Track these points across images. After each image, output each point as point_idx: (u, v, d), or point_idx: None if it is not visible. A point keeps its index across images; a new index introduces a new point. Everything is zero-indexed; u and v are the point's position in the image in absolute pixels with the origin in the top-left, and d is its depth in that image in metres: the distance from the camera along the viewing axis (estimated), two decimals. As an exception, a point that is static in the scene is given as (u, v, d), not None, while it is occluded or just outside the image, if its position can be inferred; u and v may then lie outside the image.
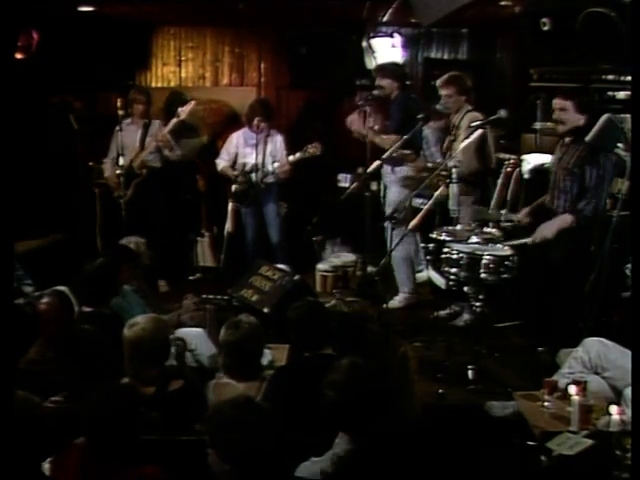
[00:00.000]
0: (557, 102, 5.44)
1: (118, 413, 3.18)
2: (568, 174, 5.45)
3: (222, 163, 7.85)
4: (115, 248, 6.11)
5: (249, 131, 7.77)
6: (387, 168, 7.14)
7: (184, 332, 5.05)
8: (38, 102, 7.63)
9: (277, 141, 7.77)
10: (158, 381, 3.95)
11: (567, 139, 5.55)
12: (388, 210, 7.03)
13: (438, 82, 6.64)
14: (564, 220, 5.33)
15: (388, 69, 7.30)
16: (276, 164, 7.60)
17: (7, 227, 3.16)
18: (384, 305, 6.43)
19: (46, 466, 3.25)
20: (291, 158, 7.54)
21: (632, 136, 3.57)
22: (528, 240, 5.38)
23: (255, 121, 7.60)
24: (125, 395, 3.34)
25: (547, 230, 5.33)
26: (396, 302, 7.05)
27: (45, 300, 4.75)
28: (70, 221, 7.97)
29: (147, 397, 3.84)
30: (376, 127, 7.23)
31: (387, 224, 6.88)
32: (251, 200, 7.73)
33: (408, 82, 7.43)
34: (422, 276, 7.40)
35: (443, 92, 6.56)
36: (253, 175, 7.65)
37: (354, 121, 7.36)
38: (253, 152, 7.69)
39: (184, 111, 7.51)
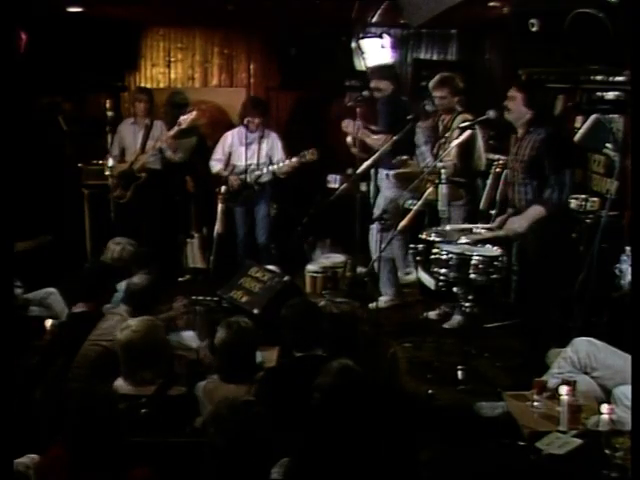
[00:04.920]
0: (510, 91, 5.52)
1: (100, 418, 3.17)
2: (525, 167, 5.45)
3: (217, 165, 7.83)
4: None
5: (243, 130, 7.75)
6: (382, 172, 7.15)
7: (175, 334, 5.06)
8: (27, 103, 7.60)
9: (273, 140, 7.77)
10: (157, 383, 3.97)
11: (519, 134, 5.55)
12: (377, 212, 7.02)
13: (430, 84, 6.62)
14: (535, 212, 5.30)
15: (385, 71, 7.31)
16: (280, 164, 7.60)
17: (7, 228, 3.17)
18: (369, 305, 6.45)
19: (21, 462, 3.24)
20: (287, 162, 7.55)
21: (632, 136, 3.57)
22: (501, 233, 5.39)
23: (246, 121, 7.61)
24: (107, 400, 3.33)
25: (517, 223, 5.32)
26: (382, 303, 7.06)
27: None
28: (59, 223, 7.94)
29: (144, 398, 3.86)
30: (370, 127, 7.27)
31: (373, 226, 6.88)
32: (244, 200, 7.74)
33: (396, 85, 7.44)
34: (410, 278, 7.41)
35: (437, 94, 6.54)
36: (246, 175, 7.65)
37: (349, 125, 7.36)
38: (248, 151, 7.70)
39: (185, 120, 7.53)
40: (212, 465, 2.95)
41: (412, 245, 5.71)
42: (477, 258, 5.23)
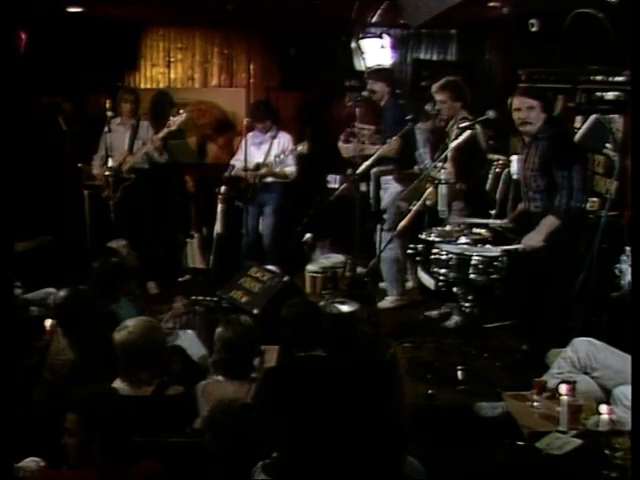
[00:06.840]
0: (524, 101, 5.37)
1: (103, 417, 3.17)
2: (537, 175, 5.40)
3: (236, 164, 7.97)
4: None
5: (257, 131, 7.91)
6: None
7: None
8: (27, 103, 7.60)
9: (284, 142, 7.88)
10: (154, 384, 3.96)
11: (527, 140, 5.52)
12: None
13: (433, 87, 6.57)
14: (550, 223, 5.24)
15: (381, 73, 7.31)
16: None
17: (7, 228, 3.17)
18: (374, 305, 6.46)
19: (26, 466, 3.24)
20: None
21: (632, 136, 3.57)
22: (519, 247, 5.34)
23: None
24: (110, 399, 3.33)
25: (535, 239, 5.27)
26: (387, 302, 7.06)
27: None
28: (59, 223, 7.94)
29: (142, 399, 3.86)
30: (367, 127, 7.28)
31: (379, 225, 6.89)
32: (252, 199, 7.84)
33: (398, 90, 7.43)
34: (408, 285, 7.41)
35: (438, 97, 6.51)
36: (255, 174, 7.75)
37: (347, 149, 7.38)
38: (257, 152, 7.83)
39: (175, 122, 7.58)
40: (209, 467, 2.96)
41: (411, 245, 5.71)
42: (477, 258, 5.21)
